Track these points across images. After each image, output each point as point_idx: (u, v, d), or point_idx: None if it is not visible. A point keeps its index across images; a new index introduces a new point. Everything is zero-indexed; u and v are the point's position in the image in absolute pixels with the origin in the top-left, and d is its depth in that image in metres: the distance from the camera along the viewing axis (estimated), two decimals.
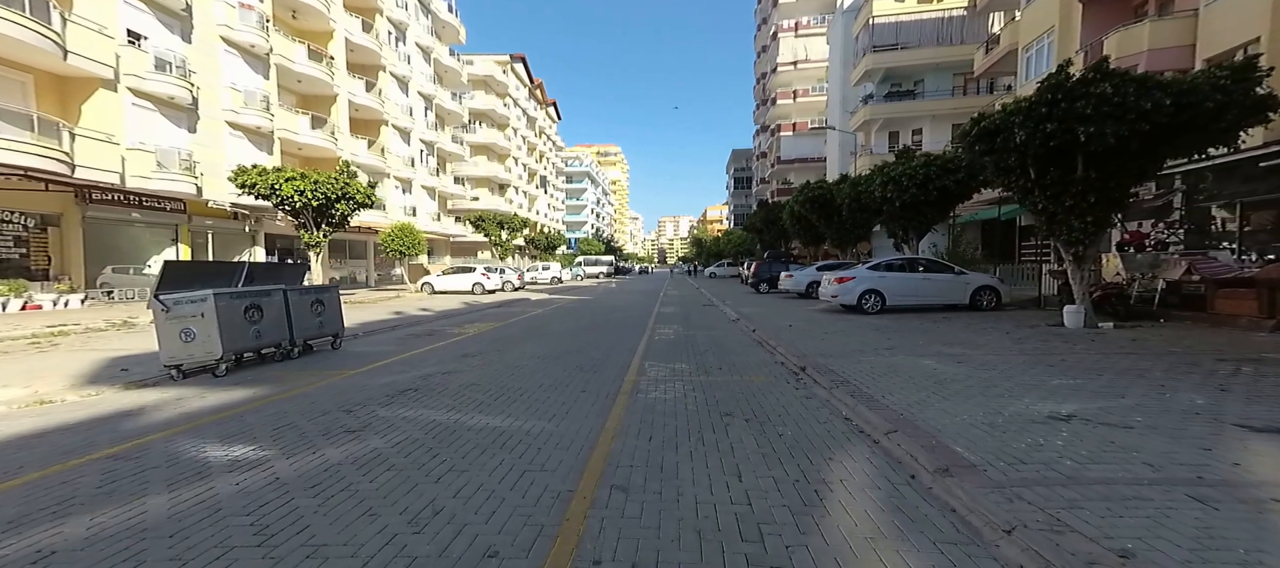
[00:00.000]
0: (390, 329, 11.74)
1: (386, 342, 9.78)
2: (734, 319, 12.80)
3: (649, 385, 5.88)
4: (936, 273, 12.83)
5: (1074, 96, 7.92)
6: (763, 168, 61.05)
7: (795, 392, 5.53)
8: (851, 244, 20.95)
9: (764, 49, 60.25)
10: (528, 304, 19.00)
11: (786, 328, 10.53)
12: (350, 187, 16.80)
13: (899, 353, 7.30)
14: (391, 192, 31.34)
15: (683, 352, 8.15)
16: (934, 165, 13.65)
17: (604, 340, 9.48)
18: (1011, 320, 10.61)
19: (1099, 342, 7.71)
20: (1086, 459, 3.36)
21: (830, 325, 10.68)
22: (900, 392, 5.18)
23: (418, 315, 14.80)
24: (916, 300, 12.70)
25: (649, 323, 12.29)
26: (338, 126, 26.08)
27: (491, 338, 10.05)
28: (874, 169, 14.93)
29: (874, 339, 8.61)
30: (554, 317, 14.12)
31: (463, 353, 8.31)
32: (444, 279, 25.66)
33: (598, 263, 57.50)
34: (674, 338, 9.71)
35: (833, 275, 13.56)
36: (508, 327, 11.94)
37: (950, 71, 30.97)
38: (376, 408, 5.04)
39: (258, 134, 21.22)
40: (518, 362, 7.45)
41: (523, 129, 60.05)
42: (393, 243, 23.42)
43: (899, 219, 14.89)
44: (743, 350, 8.24)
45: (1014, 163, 9.08)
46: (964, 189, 13.86)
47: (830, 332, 9.72)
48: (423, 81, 35.16)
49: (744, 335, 10.00)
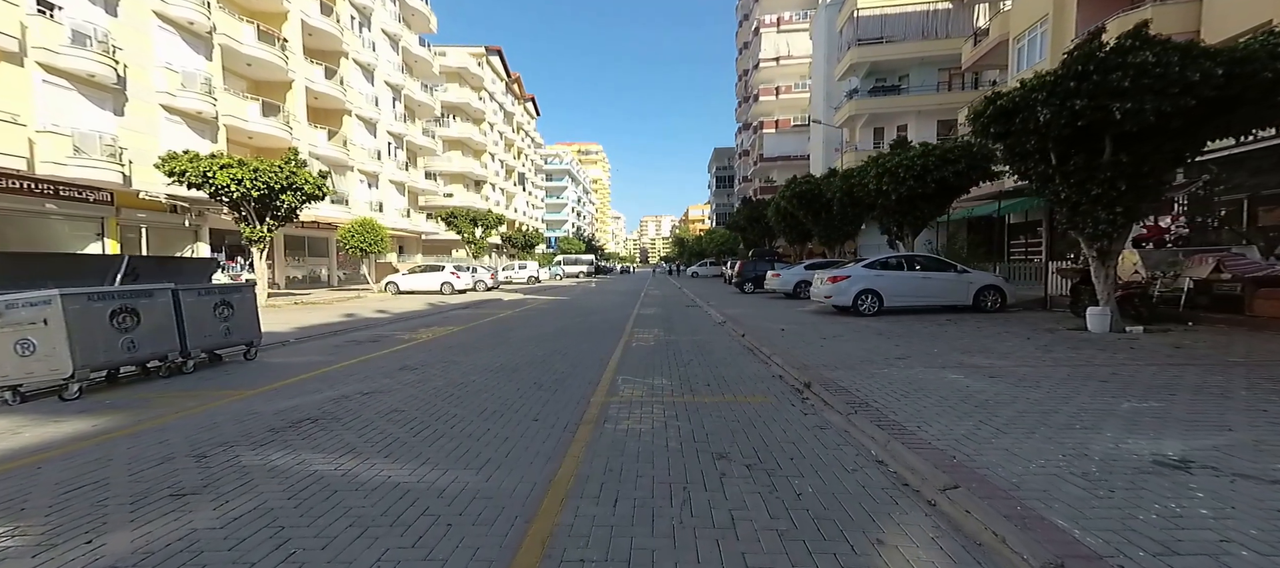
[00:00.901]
0: (331, 334, 10.28)
1: (318, 350, 8.35)
2: (720, 322, 11.67)
3: (621, 411, 4.65)
4: (937, 272, 11.89)
5: (1108, 68, 6.95)
6: (745, 166, 60.39)
7: (804, 418, 4.37)
8: (841, 242, 20.07)
9: (746, 45, 59.57)
10: (498, 305, 17.60)
11: (779, 332, 9.42)
12: (297, 176, 15.15)
13: (914, 364, 6.22)
14: (355, 186, 29.49)
15: (664, 363, 6.94)
16: (933, 156, 12.73)
17: (574, 348, 8.22)
18: (1023, 323, 9.68)
19: (1138, 350, 6.75)
20: (1267, 546, 2.25)
21: (826, 329, 9.61)
22: (937, 419, 4.06)
23: (371, 318, 13.31)
24: (916, 301, 11.73)
25: (627, 327, 11.07)
26: (293, 115, 24.22)
27: (444, 346, 8.70)
28: (868, 160, 13.97)
29: (880, 346, 7.53)
30: (523, 320, 12.79)
31: (402, 365, 6.96)
32: (410, 279, 24.02)
33: (578, 262, 56.02)
34: (654, 345, 8.51)
35: (825, 274, 12.53)
36: (468, 331, 10.59)
37: (935, 66, 30.49)
38: (243, 451, 3.71)
39: (199, 119, 19.32)
40: (464, 377, 6.15)
41: (500, 124, 58.22)
42: (353, 240, 21.71)
43: (894, 214, 13.95)
44: (733, 360, 7.07)
45: (1033, 147, 8.11)
46: (963, 181, 12.97)
47: (828, 337, 8.64)
48: (390, 70, 33.30)
49: (732, 341, 8.85)
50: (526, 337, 9.64)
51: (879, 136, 32.34)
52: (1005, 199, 15.36)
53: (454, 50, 49.09)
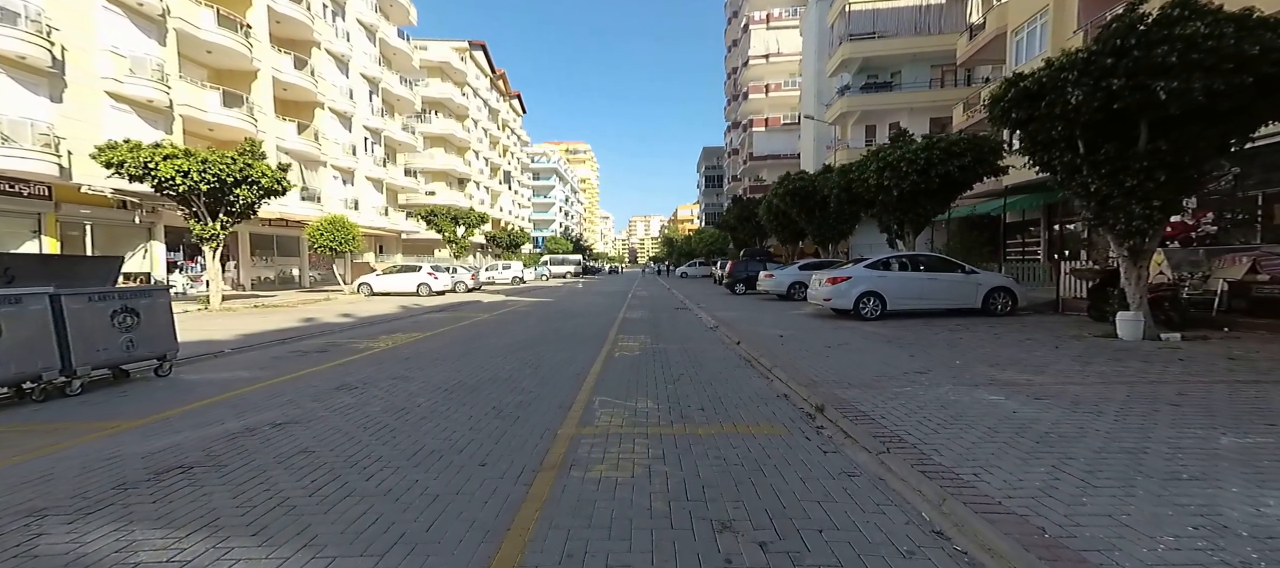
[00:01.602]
0: (277, 343, 9.15)
1: (251, 364, 7.25)
2: (711, 327, 10.75)
3: (593, 450, 3.69)
4: (943, 272, 11.09)
5: (1152, 42, 6.14)
6: (734, 165, 59.73)
7: (824, 460, 3.44)
8: (836, 241, 19.29)
9: (735, 43, 58.92)
10: (476, 308, 16.52)
11: (777, 339, 8.52)
12: (253, 169, 13.87)
13: (940, 380, 5.34)
14: (328, 182, 28.10)
15: (650, 378, 5.98)
16: (937, 149, 11.94)
17: (549, 359, 7.23)
18: (1042, 329, 8.90)
19: (1190, 362, 5.94)
20: None
21: (829, 335, 8.73)
22: (997, 462, 3.16)
23: (331, 323, 12.17)
24: (921, 304, 10.92)
25: (610, 333, 10.10)
26: (259, 106, 22.81)
27: (400, 357, 7.65)
28: (867, 154, 13.15)
29: (893, 357, 6.66)
30: (499, 324, 11.75)
31: (341, 382, 5.91)
32: (385, 280, 22.77)
33: (565, 262, 54.85)
34: (639, 355, 7.55)
35: (824, 275, 11.68)
36: (433, 339, 9.53)
37: (928, 63, 29.96)
38: (52, 527, 2.66)
39: (150, 108, 17.90)
40: (410, 399, 5.13)
41: (484, 121, 56.83)
42: (322, 238, 20.40)
43: (895, 211, 13.14)
44: (729, 375, 6.14)
45: (1059, 133, 7.30)
46: (968, 176, 12.21)
47: (832, 345, 7.75)
48: (366, 62, 31.90)
49: (727, 350, 7.92)
50: (498, 345, 8.62)
51: (871, 134, 31.76)
52: (1010, 195, 14.66)
53: (436, 44, 47.64)
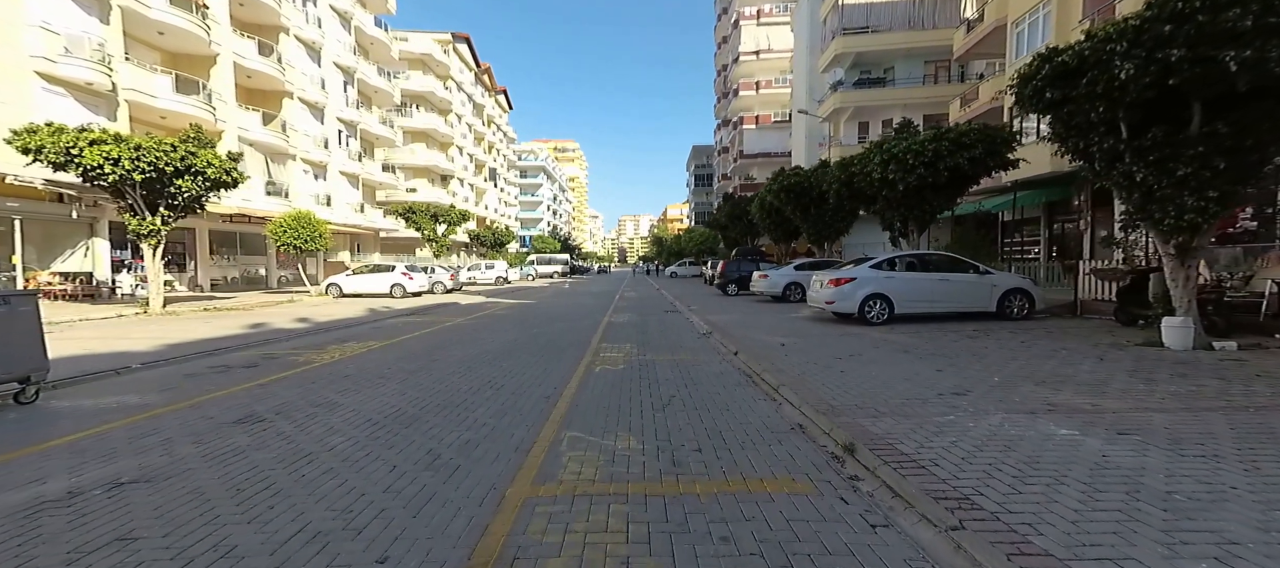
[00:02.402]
0: (203, 355, 7.94)
1: (155, 383, 6.06)
2: (704, 333, 9.75)
3: (550, 529, 2.63)
4: (954, 272, 10.21)
5: (1219, 4, 5.26)
6: (724, 163, 58.96)
7: (876, 541, 2.43)
8: (833, 239, 18.44)
9: (725, 40, 58.14)
10: (452, 311, 15.35)
11: (779, 348, 7.54)
12: (197, 158, 12.53)
13: (986, 405, 4.37)
14: (298, 176, 26.61)
15: (634, 403, 4.94)
16: (945, 140, 11.06)
17: (517, 376, 6.16)
18: (1070, 335, 8.03)
19: (1271, 378, 5.07)
20: None
21: (837, 344, 7.77)
22: (1132, 553, 2.16)
23: (280, 330, 10.93)
24: (931, 307, 10.02)
25: (593, 340, 9.04)
26: (219, 93, 21.33)
27: (339, 374, 6.51)
28: (871, 146, 12.26)
29: (917, 372, 5.70)
30: (471, 331, 10.63)
31: (245, 413, 4.77)
32: (356, 280, 21.42)
33: (552, 262, 53.55)
34: (624, 369, 6.51)
35: (825, 276, 10.75)
36: (389, 349, 8.39)
37: (921, 58, 29.32)
38: None
39: (89, 92, 16.40)
40: (323, 440, 4.02)
41: (468, 116, 55.31)
42: (285, 235, 18.97)
43: (900, 207, 12.26)
44: (729, 397, 5.12)
45: (1100, 116, 6.40)
46: (978, 170, 11.37)
47: (843, 355, 6.78)
48: (340, 51, 30.40)
49: (723, 363, 6.91)
50: (462, 358, 7.52)
51: (864, 131, 31.05)
52: (1019, 190, 13.89)
53: (417, 36, 46.05)
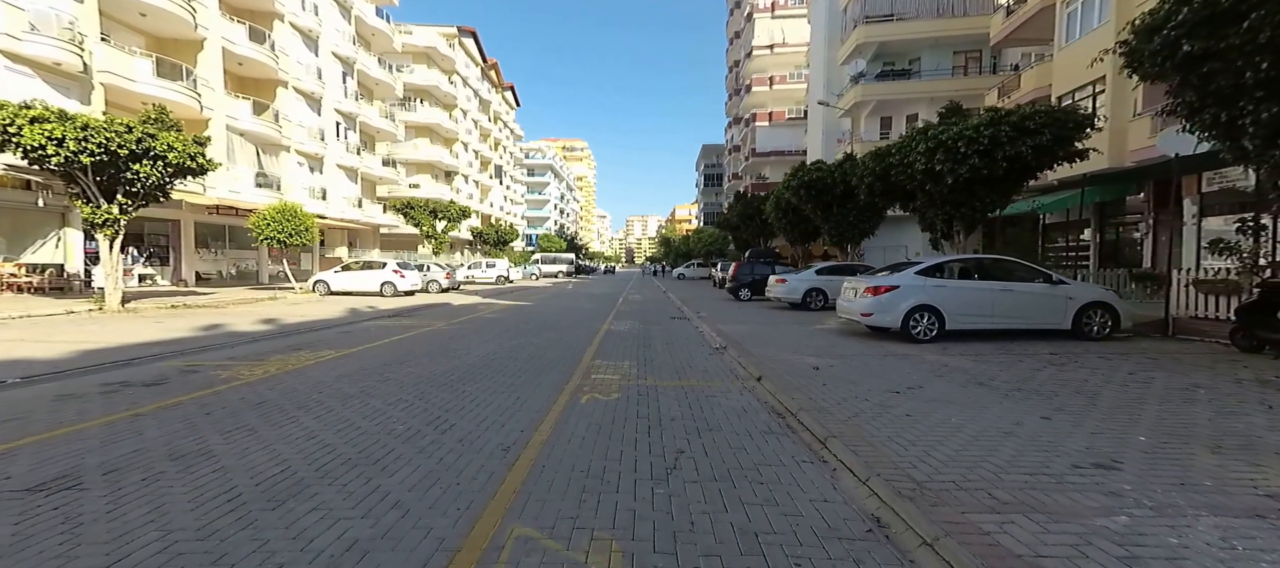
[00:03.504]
0: (118, 365, 6.58)
1: (11, 406, 4.68)
2: (718, 348, 8.25)
3: None
4: (1020, 281, 8.60)
5: None
6: (735, 162, 57.33)
7: None
8: (857, 240, 16.83)
9: (737, 34, 56.49)
10: (440, 313, 13.99)
11: (812, 373, 6.04)
12: (156, 141, 11.26)
13: (1169, 494, 2.84)
14: (291, 168, 25.49)
15: (626, 464, 3.45)
16: (1005, 125, 9.45)
17: (477, 409, 4.71)
18: (1182, 364, 6.42)
19: None
20: None
21: (886, 370, 6.23)
22: None
23: (236, 333, 9.59)
24: (991, 323, 8.41)
25: (586, 354, 7.58)
26: (205, 80, 20.21)
27: (248, 402, 5.10)
28: (914, 133, 10.67)
29: (1017, 420, 4.16)
30: (450, 339, 9.22)
31: (60, 472, 3.35)
32: (344, 277, 20.17)
33: (556, 261, 52.25)
34: (617, 401, 5.04)
35: (859, 283, 9.20)
36: (338, 364, 6.98)
37: (950, 49, 27.55)
38: None
39: (59, 73, 15.27)
40: (113, 544, 2.60)
41: (474, 112, 54.19)
42: (268, 228, 17.76)
43: (945, 204, 10.66)
44: (759, 454, 3.62)
45: (1262, 75, 4.81)
46: (1042, 160, 9.75)
47: (899, 387, 5.25)
48: (339, 41, 29.28)
49: (745, 394, 5.41)
50: (420, 377, 6.09)
51: (886, 126, 29.33)
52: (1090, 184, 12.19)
53: (422, 29, 44.91)
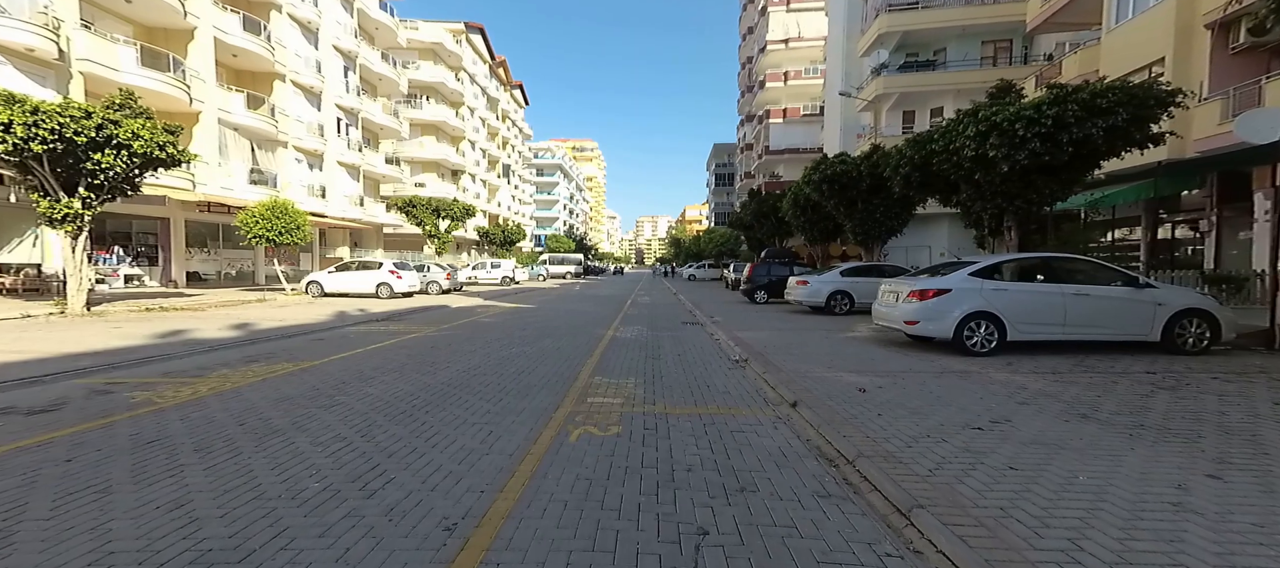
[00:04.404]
0: (27, 382, 5.54)
1: None
2: (738, 360, 7.03)
3: None
4: (1096, 283, 7.28)
5: None
6: (748, 160, 55.91)
7: None
8: (885, 238, 15.50)
9: (750, 30, 55.13)
10: (433, 317, 12.93)
11: (859, 396, 4.81)
12: (120, 128, 10.31)
13: None
14: (288, 164, 24.69)
15: (624, 553, 2.27)
16: (1073, 104, 8.11)
17: (424, 459, 3.56)
18: None
19: None
20: None
21: (952, 395, 4.97)
22: None
23: (194, 341, 8.56)
24: (1062, 333, 7.09)
25: (583, 370, 6.41)
26: (196, 71, 19.41)
27: (139, 440, 4.00)
28: (962, 115, 9.35)
29: (1174, 476, 2.90)
30: (428, 350, 8.11)
31: None
32: (338, 278, 19.23)
33: (564, 262, 51.32)
34: (614, 440, 3.85)
35: (902, 286, 7.94)
36: (285, 383, 5.88)
37: (978, 38, 26.04)
38: None
39: (32, 60, 14.46)
40: None
41: (481, 110, 53.39)
42: (256, 226, 16.84)
43: (996, 196, 9.33)
44: (816, 537, 2.40)
45: None
46: (1116, 143, 8.40)
47: (979, 418, 4.00)
48: (340, 33, 28.48)
49: (780, 427, 4.18)
50: (380, 400, 4.96)
51: (909, 120, 27.86)
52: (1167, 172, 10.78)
53: (428, 25, 44.17)
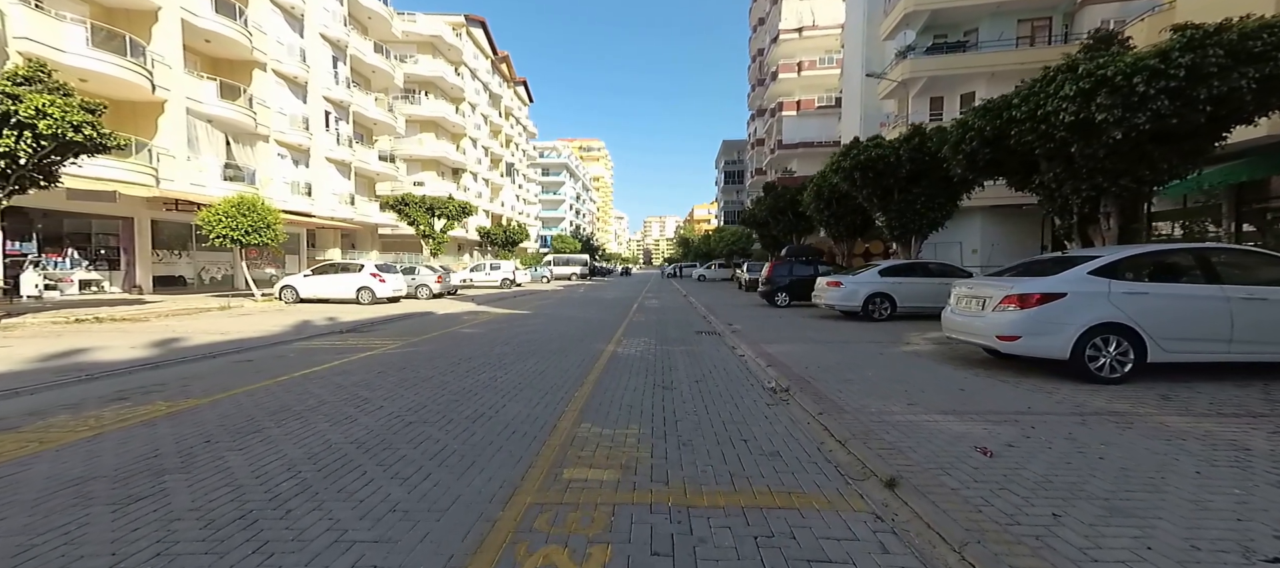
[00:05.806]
0: None
1: None
2: (777, 390, 5.14)
3: None
4: (1268, 283, 5.32)
5: None
6: (759, 156, 53.87)
7: None
8: (927, 233, 13.51)
9: (761, 21, 53.22)
10: (410, 328, 11.18)
11: (985, 466, 2.86)
12: (23, 105, 8.61)
13: None
14: (270, 159, 23.12)
15: None
16: (1213, 51, 6.15)
17: None
18: None
19: None
20: None
21: (1139, 461, 3.02)
22: None
23: (86, 364, 6.84)
24: (1227, 353, 5.15)
25: (565, 416, 4.56)
26: (161, 55, 17.84)
27: None
28: (1053, 71, 7.39)
29: None
30: (381, 374, 6.31)
31: None
32: (314, 282, 17.55)
33: (569, 263, 49.59)
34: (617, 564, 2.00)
35: (987, 289, 6.03)
36: (162, 427, 4.06)
37: (1014, 16, 23.97)
38: None
39: None
40: None
41: (483, 106, 51.82)
42: (219, 225, 15.20)
43: (1096, 173, 7.35)
44: None
45: None
46: (1270, 98, 6.41)
47: (1253, 533, 2.09)
48: (328, 21, 26.92)
49: (885, 539, 2.31)
50: (240, 477, 3.13)
51: (937, 107, 25.74)
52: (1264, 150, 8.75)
53: (427, 18, 42.68)
